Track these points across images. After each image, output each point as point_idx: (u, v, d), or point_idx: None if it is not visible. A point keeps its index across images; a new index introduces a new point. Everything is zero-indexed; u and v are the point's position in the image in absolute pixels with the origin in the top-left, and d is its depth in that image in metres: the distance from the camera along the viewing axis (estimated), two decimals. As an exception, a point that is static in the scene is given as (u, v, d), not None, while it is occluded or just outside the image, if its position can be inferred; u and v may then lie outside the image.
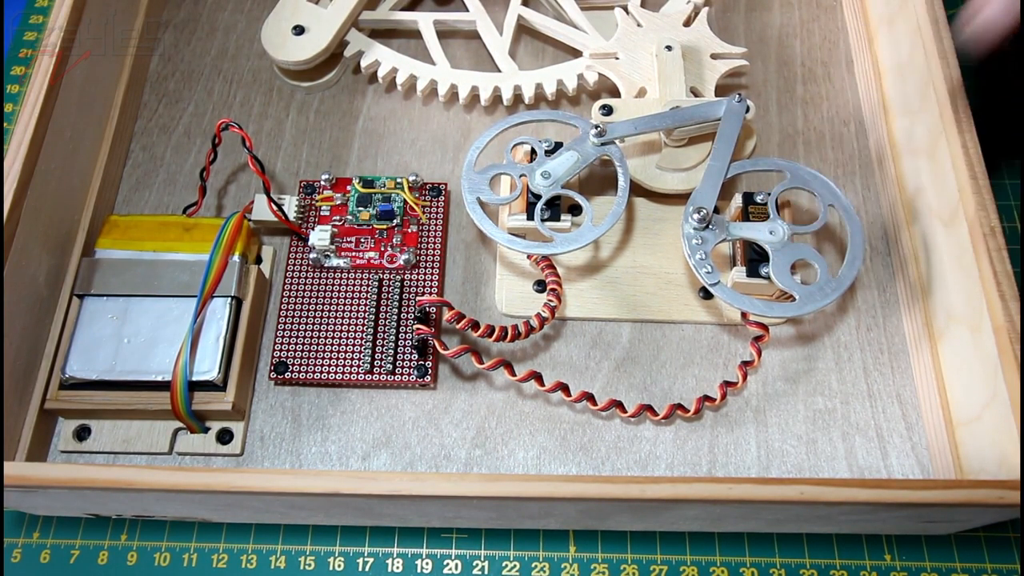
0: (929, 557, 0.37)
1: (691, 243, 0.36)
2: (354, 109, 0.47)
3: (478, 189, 0.38)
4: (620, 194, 0.38)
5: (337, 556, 0.37)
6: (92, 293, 0.38)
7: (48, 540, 0.38)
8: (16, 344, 0.35)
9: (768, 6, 0.51)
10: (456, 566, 0.37)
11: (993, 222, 0.35)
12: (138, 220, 0.41)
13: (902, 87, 0.43)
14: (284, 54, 0.45)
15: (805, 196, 0.44)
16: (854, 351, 0.40)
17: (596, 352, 0.40)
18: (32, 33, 0.53)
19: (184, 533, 0.38)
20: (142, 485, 0.29)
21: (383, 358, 0.39)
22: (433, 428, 0.39)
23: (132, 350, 0.37)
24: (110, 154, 0.43)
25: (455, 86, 0.46)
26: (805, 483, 0.29)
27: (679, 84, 0.42)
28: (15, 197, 0.35)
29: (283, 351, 0.39)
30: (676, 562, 0.37)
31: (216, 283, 0.37)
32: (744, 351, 0.40)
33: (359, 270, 0.41)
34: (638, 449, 0.38)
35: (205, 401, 0.37)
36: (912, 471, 0.37)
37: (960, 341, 0.36)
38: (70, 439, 0.37)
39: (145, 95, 0.48)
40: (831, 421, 0.39)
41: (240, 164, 0.46)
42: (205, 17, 0.51)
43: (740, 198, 0.39)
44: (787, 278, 0.36)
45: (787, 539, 0.37)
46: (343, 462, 0.38)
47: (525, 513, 0.34)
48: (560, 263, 0.41)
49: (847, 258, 0.36)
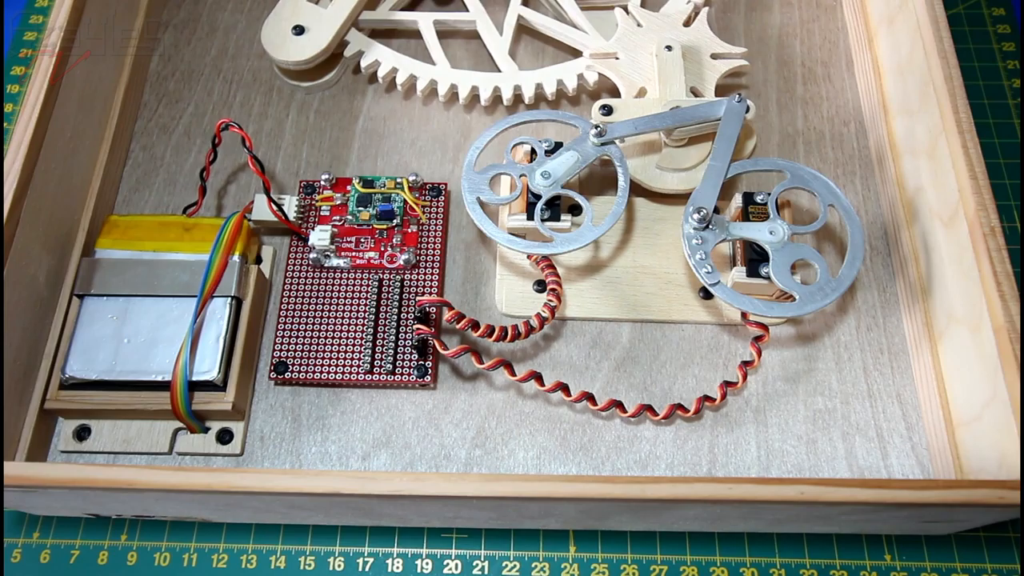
0: (929, 557, 0.37)
1: (691, 243, 0.36)
2: (354, 109, 0.47)
3: (478, 189, 0.38)
4: (620, 194, 0.38)
5: (337, 556, 0.37)
6: (92, 293, 0.38)
7: (48, 540, 0.38)
8: (16, 344, 0.35)
9: (768, 6, 0.51)
10: (456, 566, 0.37)
11: (993, 222, 0.35)
12: (138, 220, 0.41)
13: (902, 87, 0.43)
14: (284, 54, 0.45)
15: (805, 196, 0.44)
16: (854, 351, 0.40)
17: (596, 352, 0.40)
18: (32, 33, 0.53)
19: (184, 533, 0.38)
20: (142, 485, 0.29)
21: (383, 358, 0.39)
22: (433, 428, 0.39)
23: (132, 350, 0.37)
24: (110, 154, 0.43)
25: (455, 86, 0.46)
26: (805, 483, 0.29)
27: (679, 84, 0.42)
28: (15, 197, 0.35)
29: (283, 351, 0.39)
30: (676, 562, 0.37)
31: (216, 283, 0.37)
32: (744, 351, 0.40)
33: (359, 270, 0.41)
34: (638, 449, 0.38)
35: (205, 401, 0.37)
36: (912, 471, 0.37)
37: (960, 341, 0.36)
38: (70, 439, 0.37)
39: (145, 95, 0.48)
40: (831, 421, 0.39)
41: (240, 164, 0.46)
42: (205, 17, 0.51)
43: (740, 198, 0.39)
44: (787, 278, 0.36)
45: (787, 539, 0.37)
46: (343, 462, 0.38)
47: (525, 513, 0.34)
48: (560, 263, 0.41)
49: (847, 258, 0.36)
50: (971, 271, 0.35)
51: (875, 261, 0.43)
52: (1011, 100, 0.49)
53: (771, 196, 0.37)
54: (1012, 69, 0.50)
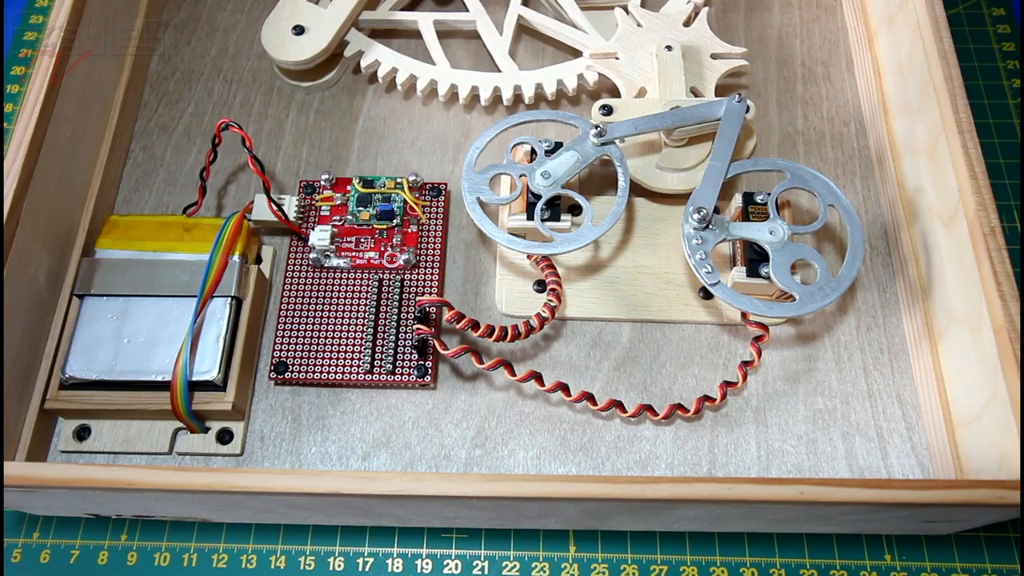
0: (929, 557, 0.37)
1: (691, 243, 0.36)
2: (354, 109, 0.47)
3: (478, 189, 0.38)
4: (620, 194, 0.38)
5: (337, 556, 0.37)
6: (92, 293, 0.38)
7: (48, 540, 0.38)
8: (16, 344, 0.35)
9: (768, 6, 0.51)
10: (456, 566, 0.37)
11: (993, 222, 0.35)
12: (138, 220, 0.41)
13: (902, 87, 0.43)
14: (284, 54, 0.45)
15: (805, 196, 0.44)
16: (854, 351, 0.40)
17: (596, 352, 0.40)
18: (32, 33, 0.53)
19: (184, 533, 0.38)
20: (142, 485, 0.29)
21: (383, 358, 0.39)
22: (433, 428, 0.39)
23: (132, 350, 0.37)
24: (110, 154, 0.43)
25: (455, 86, 0.46)
26: (805, 483, 0.29)
27: (679, 84, 0.42)
28: (15, 197, 0.35)
29: (283, 351, 0.39)
30: (676, 562, 0.37)
31: (216, 283, 0.37)
32: (744, 351, 0.40)
33: (359, 270, 0.41)
34: (638, 449, 0.38)
35: (205, 401, 0.37)
36: (912, 471, 0.37)
37: (960, 341, 0.36)
38: (70, 439, 0.37)
39: (145, 95, 0.48)
40: (831, 421, 0.39)
41: (240, 164, 0.46)
42: (205, 17, 0.51)
43: (740, 198, 0.39)
44: (787, 278, 0.36)
45: (787, 539, 0.37)
46: (343, 462, 0.38)
47: (525, 513, 0.34)
48: (560, 263, 0.41)
49: (847, 258, 0.36)
50: (971, 271, 0.35)
51: (875, 261, 0.43)
52: (1011, 100, 0.49)
53: (771, 196, 0.37)
54: (1012, 69, 0.50)
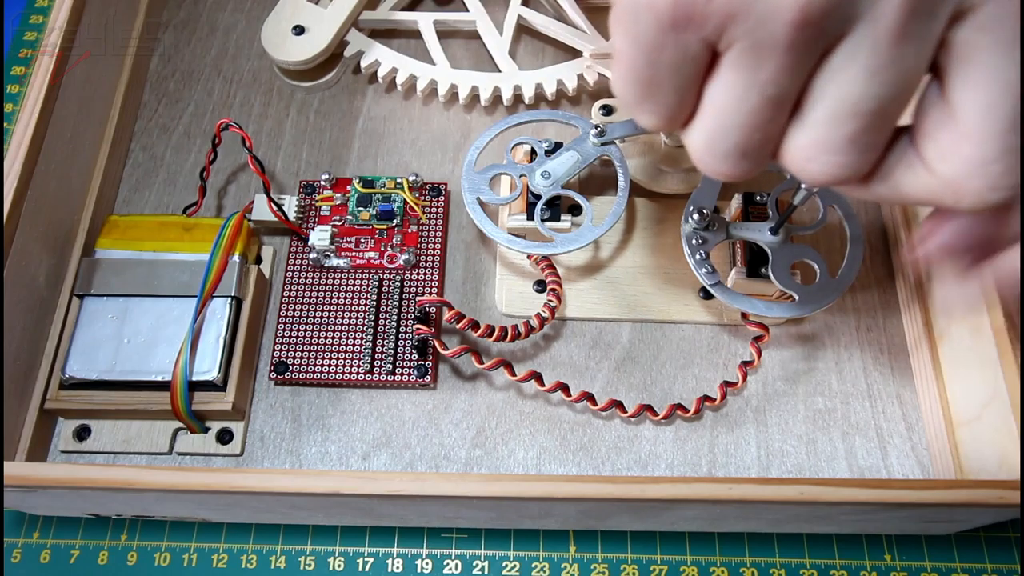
0: (929, 557, 0.37)
1: (691, 243, 0.36)
2: (354, 109, 0.47)
3: (478, 189, 0.38)
4: (620, 194, 0.38)
5: (337, 556, 0.37)
6: (92, 293, 0.38)
7: (48, 540, 0.38)
8: (16, 344, 0.35)
9: (768, 6, 0.51)
10: (456, 566, 0.37)
11: (993, 222, 0.35)
12: (138, 220, 0.41)
13: (902, 87, 0.43)
14: (284, 54, 0.45)
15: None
16: (854, 351, 0.40)
17: (596, 352, 0.40)
18: (32, 33, 0.53)
19: (184, 533, 0.38)
20: (142, 485, 0.29)
21: (383, 358, 0.39)
22: (433, 428, 0.39)
23: (132, 350, 0.37)
24: (110, 154, 0.43)
25: (455, 86, 0.46)
26: (805, 483, 0.29)
27: (679, 84, 0.42)
28: (15, 197, 0.35)
29: (283, 351, 0.39)
30: (676, 562, 0.37)
31: (216, 283, 0.37)
32: (744, 351, 0.40)
33: (359, 270, 0.41)
34: (638, 449, 0.38)
35: (205, 401, 0.37)
36: (912, 471, 0.37)
37: (960, 341, 0.36)
38: (70, 439, 0.37)
39: (145, 95, 0.48)
40: (831, 421, 0.39)
41: (240, 164, 0.46)
42: (205, 17, 0.51)
43: (740, 198, 0.39)
44: (787, 278, 0.36)
45: (787, 539, 0.37)
46: (343, 462, 0.38)
47: (525, 513, 0.34)
48: (560, 263, 0.41)
49: (847, 258, 0.36)
50: (971, 271, 0.35)
51: (875, 261, 0.43)
52: (1011, 100, 0.49)
53: (771, 196, 0.37)
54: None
